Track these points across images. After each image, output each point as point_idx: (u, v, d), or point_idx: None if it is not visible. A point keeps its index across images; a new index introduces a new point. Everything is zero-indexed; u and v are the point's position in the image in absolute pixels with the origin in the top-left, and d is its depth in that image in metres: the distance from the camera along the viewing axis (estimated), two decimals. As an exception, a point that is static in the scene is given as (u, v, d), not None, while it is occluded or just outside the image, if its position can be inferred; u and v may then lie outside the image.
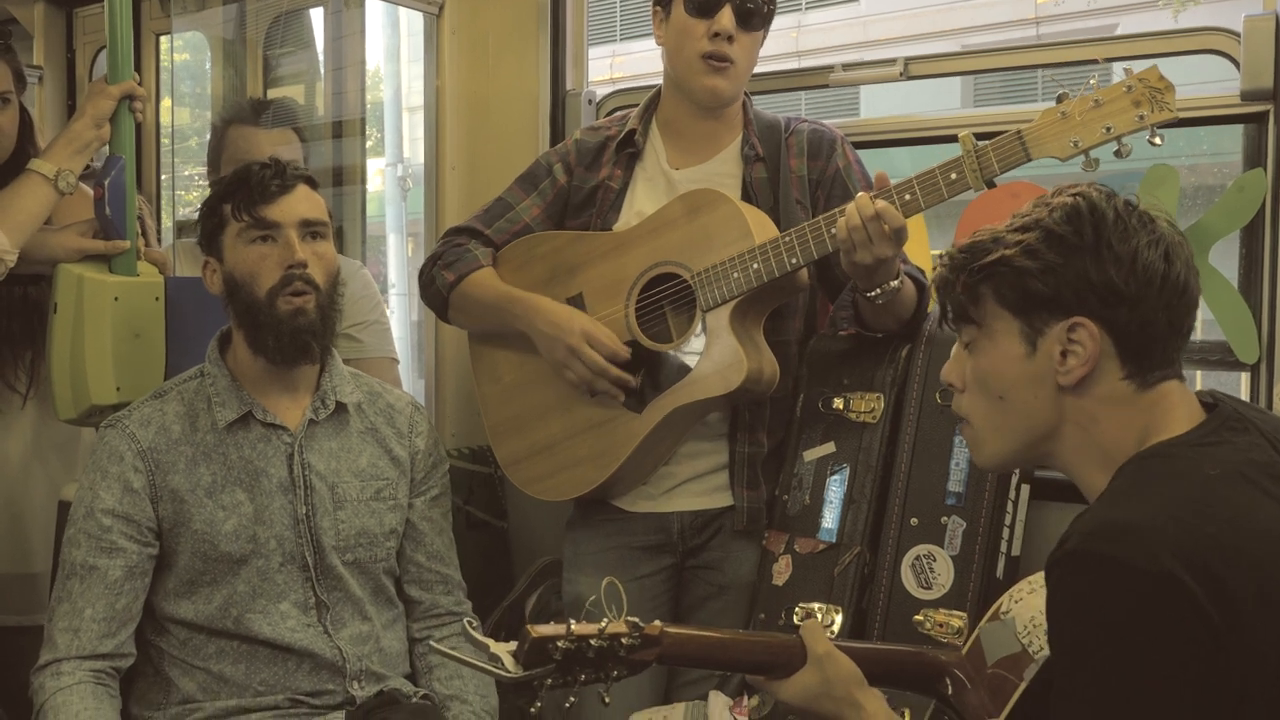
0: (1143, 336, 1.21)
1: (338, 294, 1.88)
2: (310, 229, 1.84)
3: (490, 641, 1.33)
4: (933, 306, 1.93)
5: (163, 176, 3.41)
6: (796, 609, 1.90)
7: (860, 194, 1.78)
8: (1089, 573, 1.09)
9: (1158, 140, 1.64)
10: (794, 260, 1.84)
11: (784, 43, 10.66)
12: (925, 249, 2.31)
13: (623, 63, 8.95)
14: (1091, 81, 1.66)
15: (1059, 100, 1.67)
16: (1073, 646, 1.12)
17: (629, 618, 1.33)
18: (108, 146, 2.01)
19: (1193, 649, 1.05)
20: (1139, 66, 1.65)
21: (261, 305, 1.80)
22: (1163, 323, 1.22)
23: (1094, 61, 2.05)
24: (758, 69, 2.10)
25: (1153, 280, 1.20)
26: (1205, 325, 2.06)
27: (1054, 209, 1.24)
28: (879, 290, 1.81)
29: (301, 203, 1.84)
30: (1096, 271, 1.21)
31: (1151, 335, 1.22)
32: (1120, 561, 1.07)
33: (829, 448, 1.97)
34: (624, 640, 1.32)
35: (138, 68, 2.13)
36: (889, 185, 1.78)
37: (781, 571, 1.95)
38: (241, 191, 1.83)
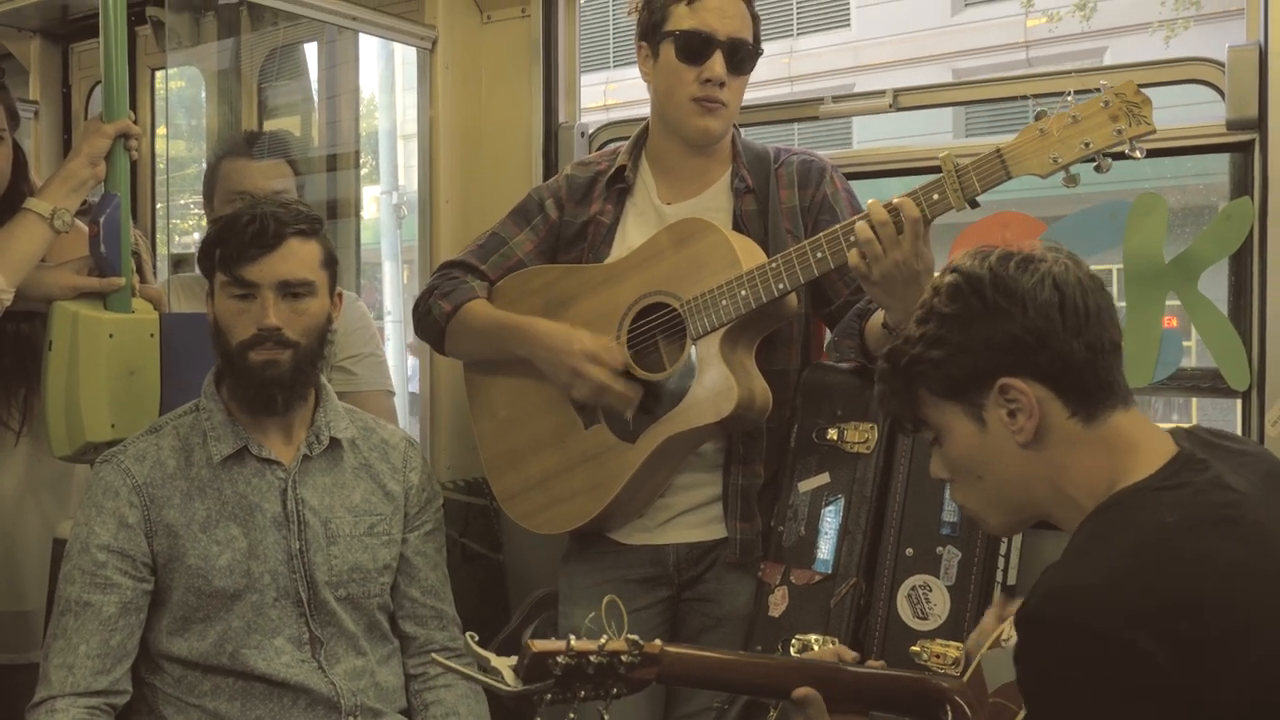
0: (1068, 370, 1.25)
1: (325, 342, 1.88)
2: (289, 289, 1.82)
3: (491, 655, 1.33)
4: None
5: (158, 206, 3.43)
6: (793, 641, 1.90)
7: (871, 200, 1.76)
8: (1045, 636, 1.13)
9: (1138, 154, 1.64)
10: (781, 286, 1.84)
11: (776, 68, 10.74)
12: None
13: (616, 89, 9.00)
14: (1069, 98, 1.66)
15: (1037, 118, 1.67)
16: (1036, 703, 1.15)
17: (629, 635, 1.33)
18: (103, 184, 2.02)
19: (1149, 709, 1.07)
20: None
21: (234, 355, 1.82)
22: (1080, 349, 1.25)
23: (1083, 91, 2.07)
24: (750, 98, 2.11)
25: (1051, 316, 1.25)
26: (1199, 353, 2.08)
27: (939, 292, 1.31)
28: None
29: (283, 263, 1.81)
30: (998, 333, 1.26)
31: (1076, 366, 1.25)
32: (1072, 626, 1.11)
33: (824, 478, 1.97)
34: (624, 657, 1.32)
35: (133, 103, 2.15)
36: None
37: (778, 603, 1.95)
38: (225, 245, 1.82)
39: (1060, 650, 1.11)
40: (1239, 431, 2.00)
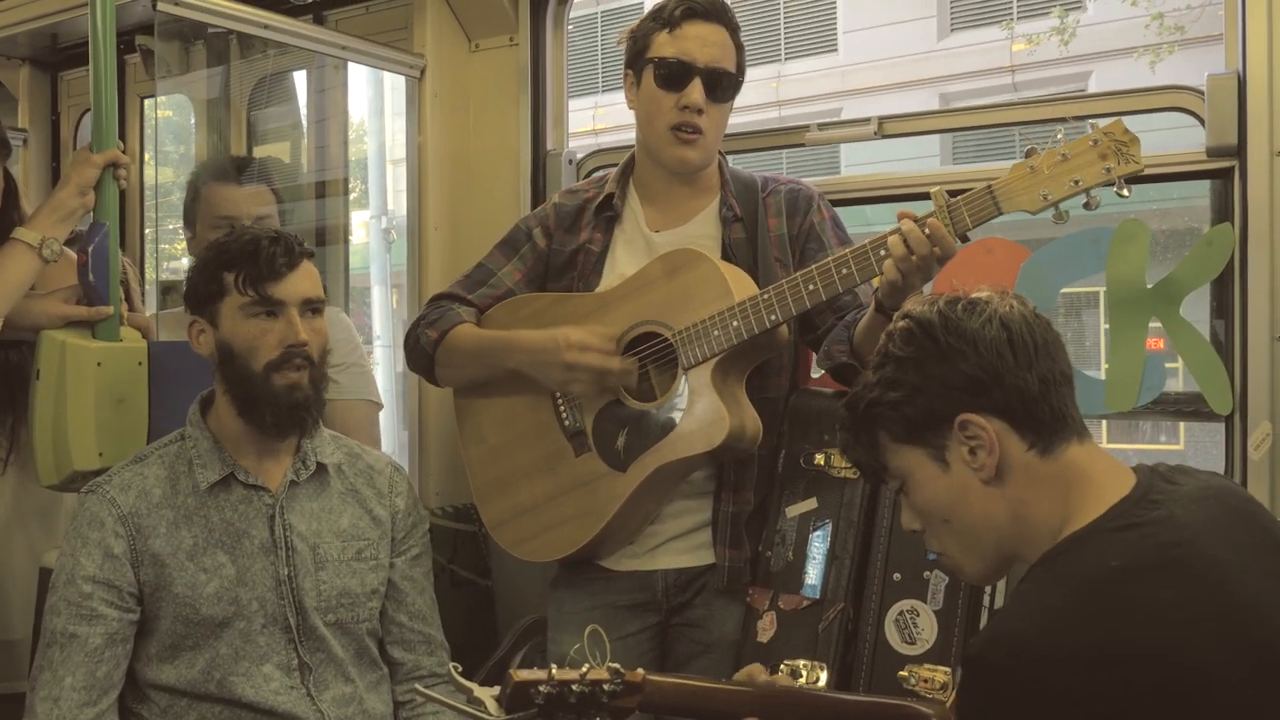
0: (1023, 403, 1.28)
1: (327, 362, 1.90)
2: (311, 306, 1.86)
3: (474, 686, 1.34)
4: None
5: (147, 233, 3.43)
6: (781, 666, 1.90)
7: (905, 222, 1.74)
8: (982, 679, 1.17)
9: (1125, 193, 1.67)
10: (773, 317, 1.86)
11: (764, 92, 10.82)
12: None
13: (605, 114, 9.05)
14: (1059, 136, 1.69)
15: (1028, 155, 1.70)
16: None
17: (611, 664, 1.34)
18: (92, 213, 2.03)
19: None
20: (1106, 122, 1.69)
21: (257, 378, 1.82)
22: (1033, 382, 1.28)
23: (1064, 119, 2.09)
24: (737, 125, 2.13)
25: (1002, 353, 1.28)
26: (1185, 378, 2.09)
27: (893, 336, 1.34)
28: None
29: (304, 280, 1.86)
30: (951, 372, 1.29)
31: (1030, 398, 1.28)
32: (1012, 673, 1.13)
33: (811, 504, 1.98)
34: (605, 686, 1.33)
35: (122, 132, 2.15)
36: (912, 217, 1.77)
37: (766, 629, 1.95)
38: (249, 265, 1.82)
39: (994, 693, 1.15)
40: (1223, 456, 2.02)
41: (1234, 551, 1.20)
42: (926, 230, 1.72)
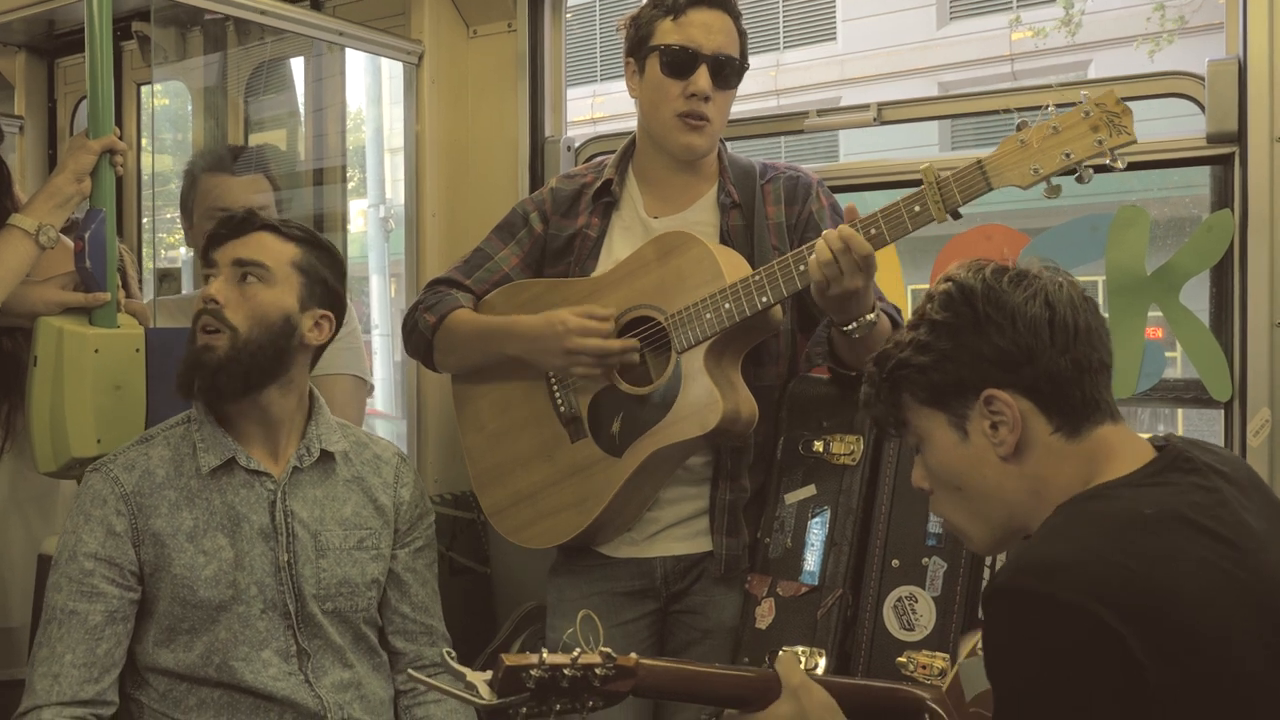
0: (1054, 386, 1.26)
1: (280, 347, 1.83)
2: (242, 268, 1.84)
3: (466, 670, 1.33)
4: None
5: (144, 220, 3.42)
6: (780, 652, 1.90)
7: (826, 230, 1.79)
8: (1015, 607, 1.13)
9: (1119, 165, 1.64)
10: (764, 299, 1.85)
11: (763, 81, 10.78)
12: (900, 285, 2.33)
13: (603, 102, 9.02)
14: (1050, 109, 1.67)
15: (1018, 129, 1.68)
16: (1004, 676, 1.15)
17: (603, 648, 1.34)
18: (88, 199, 2.02)
19: (1115, 684, 1.07)
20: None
21: (190, 340, 1.84)
22: (1067, 366, 1.26)
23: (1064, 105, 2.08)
24: (736, 111, 2.12)
25: (1039, 332, 1.25)
26: (1183, 364, 2.09)
27: (933, 299, 1.31)
28: (855, 324, 1.82)
29: (245, 246, 1.85)
30: (985, 344, 1.26)
31: (1062, 382, 1.26)
32: (1045, 596, 1.10)
33: (810, 490, 1.98)
34: (598, 670, 1.32)
35: (118, 118, 2.14)
36: (857, 218, 1.80)
37: (764, 615, 1.95)
38: (209, 238, 1.89)
39: (1028, 621, 1.11)
40: (1222, 442, 2.02)
41: (1261, 520, 1.19)
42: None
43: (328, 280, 1.90)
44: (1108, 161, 1.64)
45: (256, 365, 1.82)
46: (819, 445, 1.98)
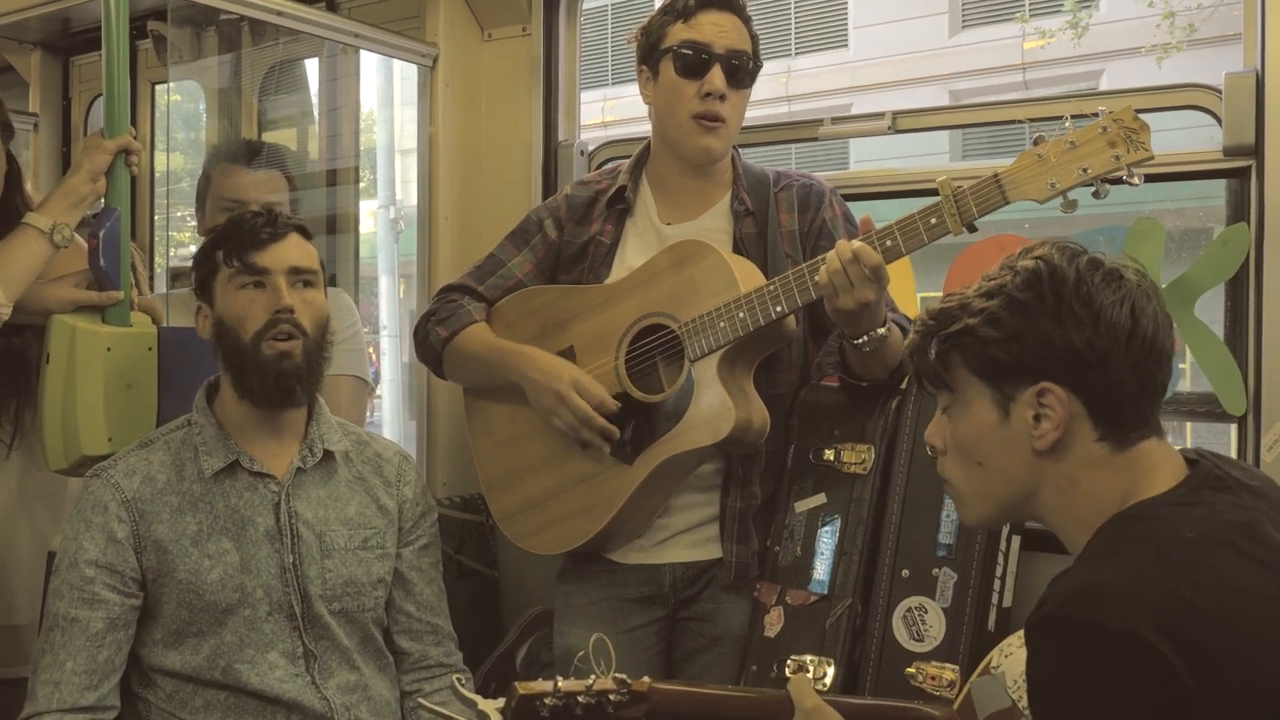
0: (1112, 398, 1.21)
1: (327, 341, 1.90)
2: (300, 276, 1.86)
3: (478, 698, 1.33)
4: None
5: (157, 219, 3.43)
6: (788, 661, 1.90)
7: (839, 240, 1.79)
8: (1066, 637, 1.10)
9: (1135, 181, 1.63)
10: (779, 308, 1.85)
11: (774, 87, 10.78)
12: (912, 296, 2.32)
13: (614, 106, 9.02)
14: (1067, 123, 1.66)
15: (1036, 142, 1.67)
16: (1050, 708, 1.12)
17: (616, 674, 1.33)
18: (103, 199, 2.02)
19: (1166, 712, 1.05)
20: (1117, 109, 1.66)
21: (247, 349, 1.82)
22: (1132, 382, 1.21)
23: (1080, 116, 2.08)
24: (749, 118, 2.12)
25: (1118, 339, 1.20)
26: (1194, 377, 2.08)
27: (1017, 273, 1.24)
28: (866, 337, 1.82)
29: (292, 250, 1.87)
30: (1059, 336, 1.21)
31: (1121, 396, 1.21)
32: (1096, 625, 1.08)
33: (820, 499, 1.97)
34: (612, 696, 1.32)
35: (133, 118, 2.14)
36: (872, 230, 1.79)
37: (773, 623, 1.94)
38: (234, 238, 1.86)
39: (1078, 649, 1.08)
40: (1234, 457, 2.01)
41: None
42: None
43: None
44: (1124, 177, 1.63)
45: (319, 368, 1.88)
46: (830, 454, 1.98)
